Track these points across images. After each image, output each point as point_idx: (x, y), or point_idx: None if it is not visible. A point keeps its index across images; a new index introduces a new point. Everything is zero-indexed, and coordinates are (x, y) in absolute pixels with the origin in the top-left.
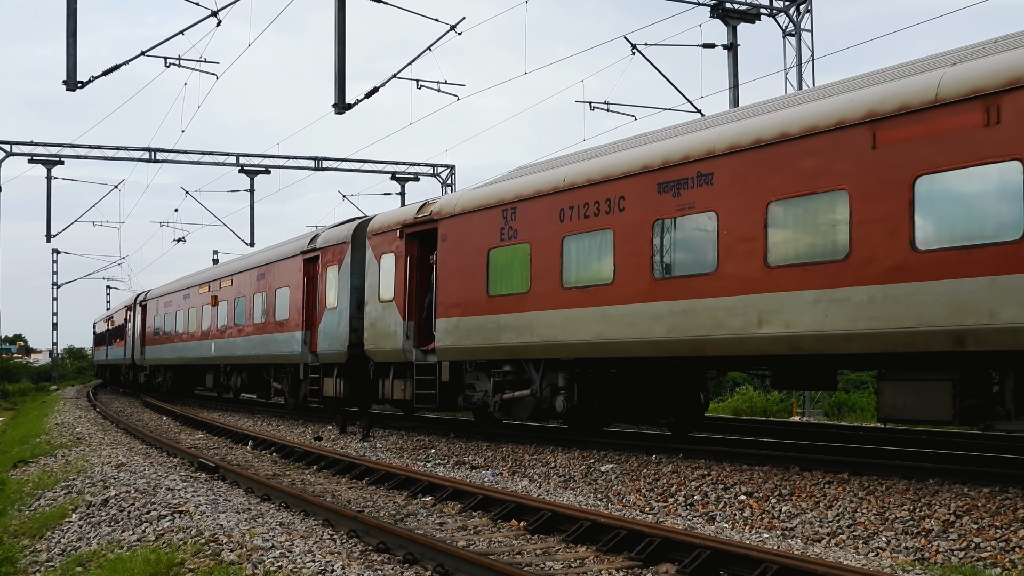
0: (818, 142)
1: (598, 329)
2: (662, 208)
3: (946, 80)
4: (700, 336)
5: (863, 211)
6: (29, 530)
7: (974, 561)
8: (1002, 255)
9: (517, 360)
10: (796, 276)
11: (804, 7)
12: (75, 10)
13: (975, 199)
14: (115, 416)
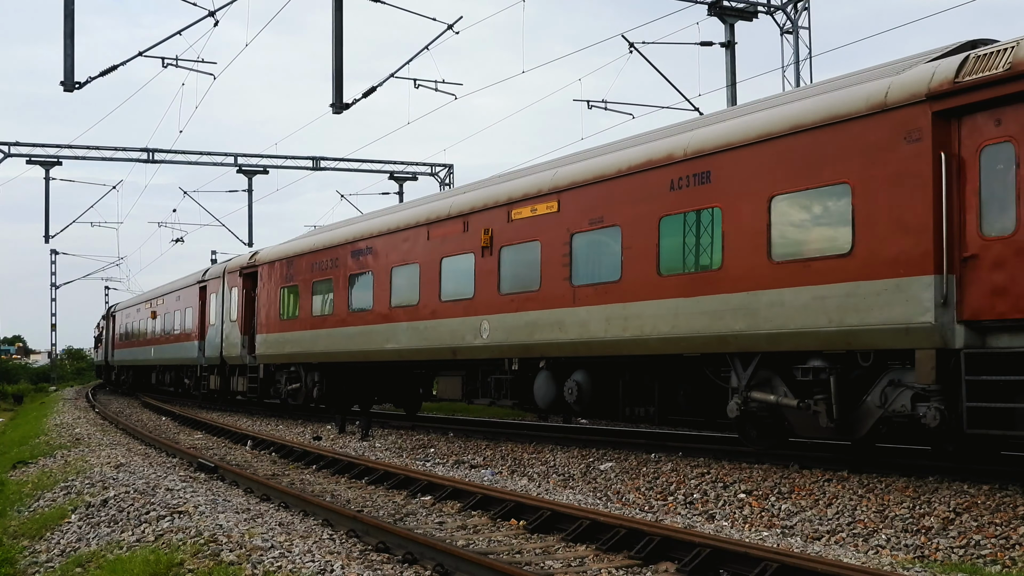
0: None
1: (327, 344)
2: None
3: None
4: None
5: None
6: (28, 531)
7: (974, 558)
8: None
9: (296, 363)
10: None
11: (801, 5)
12: (72, 11)
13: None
14: (114, 417)
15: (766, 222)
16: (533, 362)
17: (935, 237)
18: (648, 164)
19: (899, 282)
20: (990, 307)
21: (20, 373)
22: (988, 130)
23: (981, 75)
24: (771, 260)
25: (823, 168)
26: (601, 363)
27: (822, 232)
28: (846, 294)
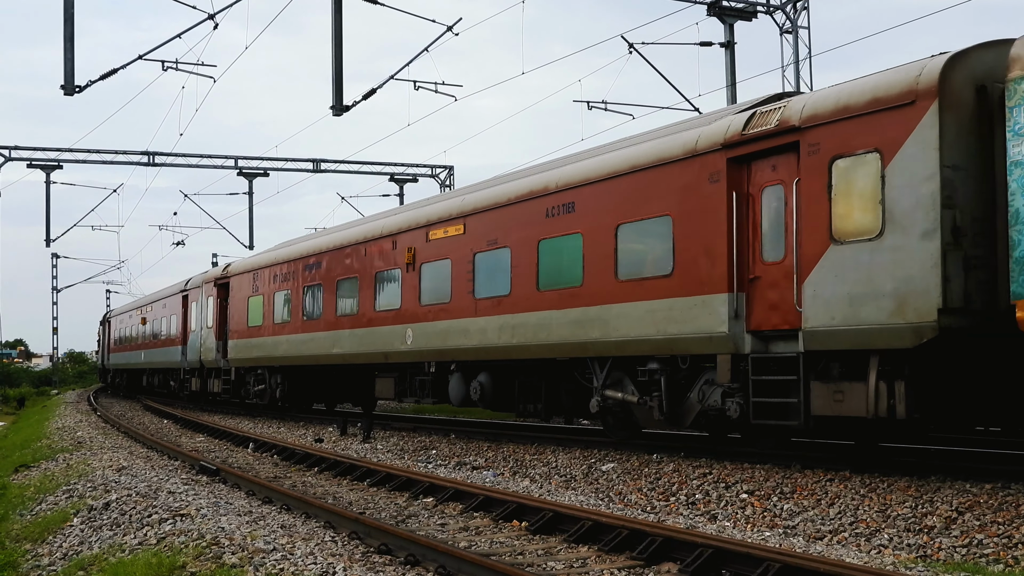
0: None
1: (286, 349)
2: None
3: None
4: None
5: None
6: (31, 534)
7: (976, 558)
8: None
9: (262, 366)
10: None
11: (801, 4)
12: (72, 14)
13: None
14: (116, 420)
15: (614, 246)
16: (447, 365)
17: (729, 262)
18: (530, 195)
19: (704, 299)
20: (768, 320)
21: (22, 377)
22: (767, 174)
23: (760, 129)
24: (617, 279)
25: (653, 202)
26: (500, 366)
27: (653, 256)
28: (669, 308)
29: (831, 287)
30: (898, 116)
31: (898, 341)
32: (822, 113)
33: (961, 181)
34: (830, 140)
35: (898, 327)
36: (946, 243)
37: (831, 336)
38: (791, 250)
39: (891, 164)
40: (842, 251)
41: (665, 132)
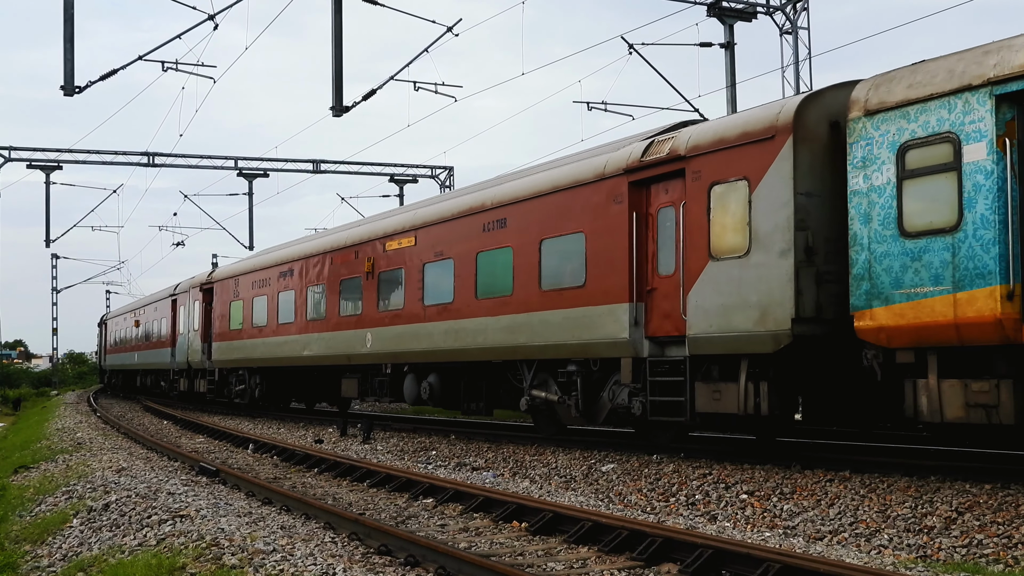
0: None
1: (263, 351)
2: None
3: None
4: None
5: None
6: (30, 535)
7: (976, 558)
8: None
9: (242, 367)
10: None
11: (800, 5)
12: (72, 15)
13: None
14: (116, 421)
15: (538, 259)
16: (402, 366)
17: (630, 275)
18: (470, 211)
19: (610, 307)
20: (662, 327)
21: (21, 377)
22: (662, 196)
23: (654, 157)
24: (541, 289)
25: (570, 220)
26: (447, 367)
27: (569, 269)
28: (582, 316)
29: (709, 298)
30: (762, 148)
31: (762, 347)
32: (703, 144)
33: (814, 206)
34: (709, 168)
35: (761, 334)
36: (799, 261)
37: (709, 342)
38: (679, 265)
39: (756, 190)
40: (718, 267)
41: (581, 157)
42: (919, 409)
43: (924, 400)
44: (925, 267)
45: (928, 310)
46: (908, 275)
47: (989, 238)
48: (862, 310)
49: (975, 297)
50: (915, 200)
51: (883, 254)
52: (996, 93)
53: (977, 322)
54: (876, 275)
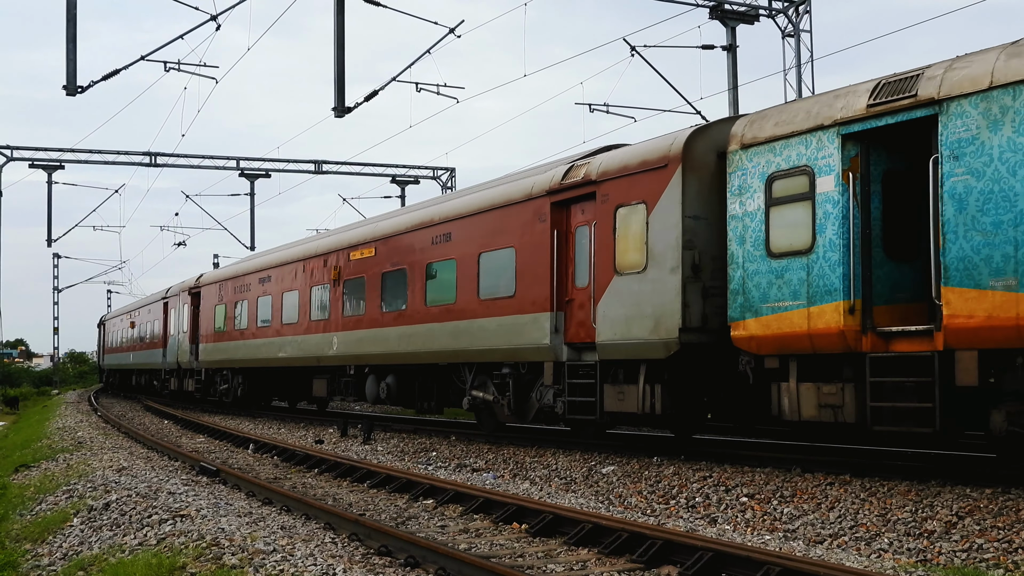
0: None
1: (244, 353)
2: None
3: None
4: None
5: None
6: (31, 534)
7: (976, 562)
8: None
9: (226, 368)
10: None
11: (803, 8)
12: (75, 15)
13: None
14: (116, 420)
15: (477, 271)
16: (363, 368)
17: (551, 286)
18: (421, 225)
19: (536, 316)
20: (578, 334)
21: (22, 377)
22: (578, 216)
23: (572, 180)
24: (479, 298)
25: (503, 235)
26: (402, 369)
27: (503, 280)
28: (513, 323)
29: (614, 309)
30: (657, 175)
31: (656, 353)
32: (610, 170)
33: (701, 228)
34: (615, 192)
35: (655, 342)
36: (686, 277)
37: (615, 348)
38: (591, 278)
39: (652, 213)
40: (622, 281)
41: (515, 178)
42: (782, 409)
43: (786, 401)
44: (786, 284)
45: (788, 322)
46: (773, 291)
47: (835, 259)
48: (737, 321)
49: (824, 311)
50: (779, 225)
51: (754, 272)
52: (842, 133)
53: (825, 333)
54: (748, 290)
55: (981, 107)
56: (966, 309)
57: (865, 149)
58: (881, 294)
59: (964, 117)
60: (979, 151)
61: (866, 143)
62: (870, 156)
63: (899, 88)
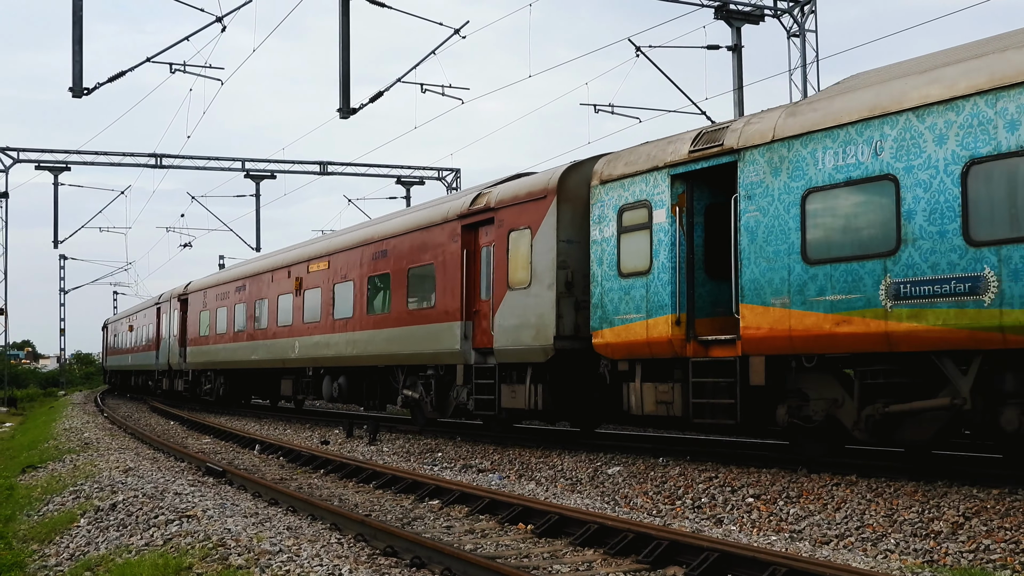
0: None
1: (224, 355)
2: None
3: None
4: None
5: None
6: (38, 535)
7: (983, 563)
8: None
9: (210, 369)
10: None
11: (808, 8)
12: (81, 17)
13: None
14: (123, 421)
15: (406, 284)
16: (320, 369)
17: (462, 299)
18: (364, 242)
19: (450, 324)
20: (482, 341)
21: (29, 378)
22: (483, 238)
23: (478, 207)
24: (408, 309)
25: (426, 253)
26: (351, 370)
27: (426, 292)
28: (434, 330)
29: (507, 319)
30: (539, 205)
31: (538, 357)
32: (505, 199)
33: (573, 250)
34: (508, 218)
35: (536, 348)
36: (560, 292)
37: (507, 353)
38: (491, 292)
39: (536, 237)
40: (513, 295)
41: (439, 202)
42: (631, 405)
43: (633, 398)
44: (632, 300)
45: (634, 332)
46: (623, 305)
47: (666, 279)
48: (597, 330)
49: (658, 322)
50: (627, 250)
51: (609, 289)
52: (671, 173)
53: (659, 341)
54: (605, 304)
55: (766, 156)
56: (756, 322)
57: (690, 187)
58: (703, 308)
59: (755, 164)
60: (765, 192)
61: (690, 182)
62: (694, 193)
63: (712, 138)
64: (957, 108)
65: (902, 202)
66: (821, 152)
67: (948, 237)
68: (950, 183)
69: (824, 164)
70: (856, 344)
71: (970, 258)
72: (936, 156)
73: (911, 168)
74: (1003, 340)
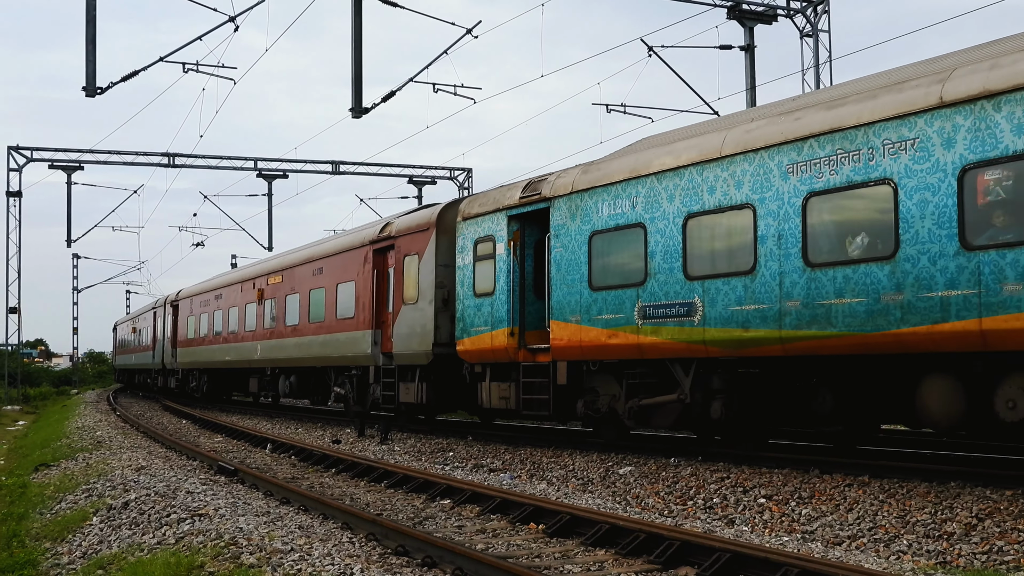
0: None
1: (205, 356)
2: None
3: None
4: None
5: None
6: (51, 533)
7: (996, 564)
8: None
9: (196, 368)
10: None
11: (821, 8)
12: (94, 16)
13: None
14: (135, 420)
15: (335, 297)
16: (276, 369)
17: (372, 311)
18: (307, 259)
19: (365, 332)
20: (387, 346)
21: (42, 376)
22: (389, 260)
23: (383, 235)
24: (337, 318)
25: (349, 271)
26: (299, 370)
27: (349, 304)
28: (354, 337)
29: (402, 329)
30: (424, 235)
31: (422, 360)
32: (402, 230)
33: (448, 273)
34: (403, 245)
35: (420, 353)
36: (438, 307)
37: (402, 357)
38: (393, 306)
39: (421, 261)
40: (406, 309)
41: (361, 229)
42: (483, 400)
43: (485, 395)
44: (482, 315)
45: (484, 341)
46: (477, 319)
47: (504, 299)
48: (460, 339)
49: (499, 334)
50: (480, 275)
51: (468, 305)
52: (508, 214)
53: (501, 348)
54: (465, 318)
55: (568, 204)
56: (560, 335)
57: (522, 226)
58: (531, 323)
59: (560, 210)
60: (566, 232)
61: (523, 222)
62: (525, 230)
63: (534, 188)
64: (680, 174)
65: (648, 244)
66: (601, 203)
67: (675, 272)
68: (676, 231)
69: (603, 212)
70: (621, 352)
71: (687, 289)
72: (668, 210)
73: (653, 218)
74: (706, 351)
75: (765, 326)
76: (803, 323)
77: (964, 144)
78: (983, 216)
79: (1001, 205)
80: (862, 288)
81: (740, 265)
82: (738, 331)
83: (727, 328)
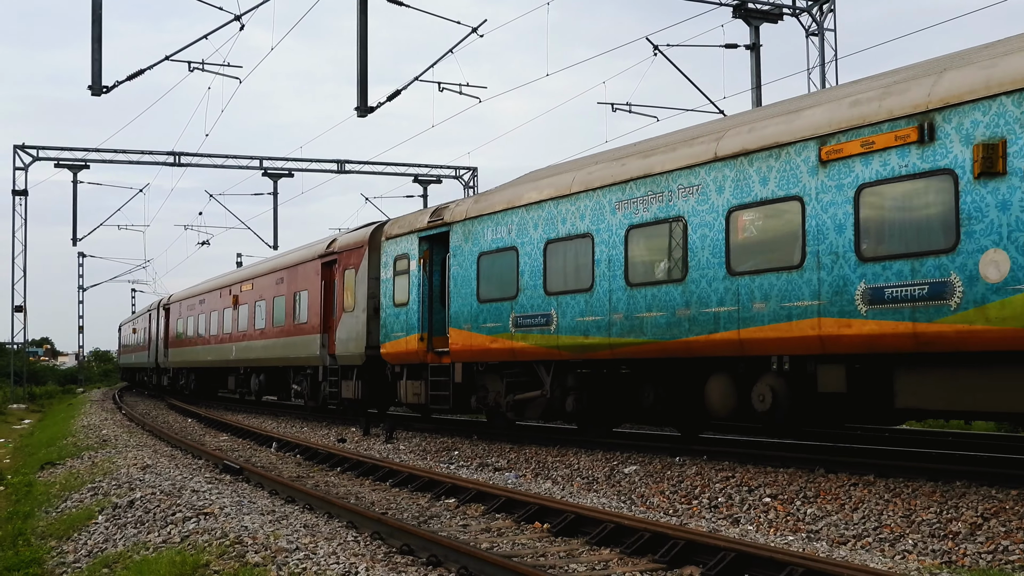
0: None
1: (191, 356)
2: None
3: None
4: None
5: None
6: (56, 531)
7: (1002, 564)
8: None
9: (185, 368)
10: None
11: (827, 7)
12: (100, 15)
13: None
14: (140, 418)
15: (293, 304)
16: (248, 369)
17: (321, 317)
18: (272, 270)
19: (315, 336)
20: (333, 349)
21: (48, 375)
22: (335, 273)
23: (329, 250)
24: (295, 323)
25: (304, 281)
26: (267, 369)
27: (303, 311)
28: (307, 340)
29: (343, 333)
30: (360, 251)
31: (357, 361)
32: (344, 246)
33: (379, 285)
34: (344, 260)
35: (356, 354)
36: (370, 315)
37: (342, 358)
38: (336, 313)
39: (358, 274)
40: (346, 316)
41: (315, 244)
42: (400, 396)
43: (403, 392)
44: (400, 322)
45: (400, 345)
46: (396, 326)
47: (416, 309)
48: (383, 343)
49: (412, 339)
50: (398, 287)
51: (389, 314)
52: (419, 236)
53: (414, 351)
54: (387, 325)
55: (463, 229)
56: (456, 340)
57: (431, 246)
58: (438, 329)
59: (457, 233)
60: (461, 253)
61: (431, 242)
62: (434, 249)
63: (438, 214)
64: (543, 207)
65: (520, 264)
66: (487, 228)
67: (538, 289)
68: (538, 254)
69: (488, 236)
70: (501, 355)
71: (546, 302)
72: (533, 236)
73: (523, 243)
74: (560, 354)
75: (599, 334)
76: (625, 332)
77: (730, 190)
78: (741, 248)
79: (752, 240)
80: (664, 304)
81: (583, 283)
82: (581, 338)
83: (574, 336)
